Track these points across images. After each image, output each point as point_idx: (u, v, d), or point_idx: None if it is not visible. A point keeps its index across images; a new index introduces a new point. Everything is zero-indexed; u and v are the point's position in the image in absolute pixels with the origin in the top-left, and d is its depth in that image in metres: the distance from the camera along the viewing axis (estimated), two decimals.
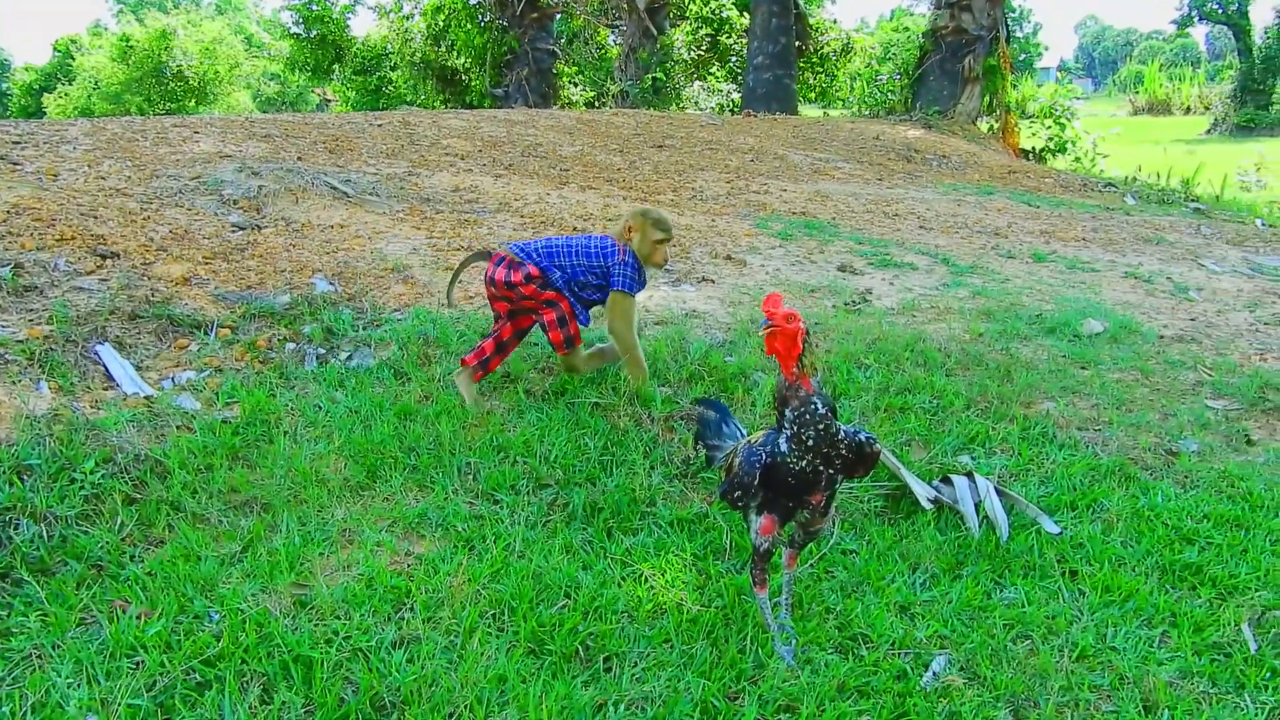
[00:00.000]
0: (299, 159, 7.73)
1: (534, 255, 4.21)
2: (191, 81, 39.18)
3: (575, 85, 22.87)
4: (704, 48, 21.25)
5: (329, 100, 38.86)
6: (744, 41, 20.68)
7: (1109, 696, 2.80)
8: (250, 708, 2.47)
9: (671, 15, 22.00)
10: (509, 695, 2.56)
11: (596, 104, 21.44)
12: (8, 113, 43.80)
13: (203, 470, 3.53)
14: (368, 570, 3.06)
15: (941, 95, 16.56)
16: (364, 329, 4.79)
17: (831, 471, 2.69)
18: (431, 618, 2.86)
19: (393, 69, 24.87)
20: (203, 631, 2.72)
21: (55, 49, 46.67)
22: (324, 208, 6.51)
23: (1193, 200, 12.26)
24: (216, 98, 40.01)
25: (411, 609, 2.90)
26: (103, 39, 44.40)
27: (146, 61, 37.92)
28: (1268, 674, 2.96)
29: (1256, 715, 2.78)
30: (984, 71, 16.22)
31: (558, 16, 22.19)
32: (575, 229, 6.77)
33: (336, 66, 26.46)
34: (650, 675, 2.69)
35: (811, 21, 20.87)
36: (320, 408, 4.08)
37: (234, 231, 5.86)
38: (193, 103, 38.92)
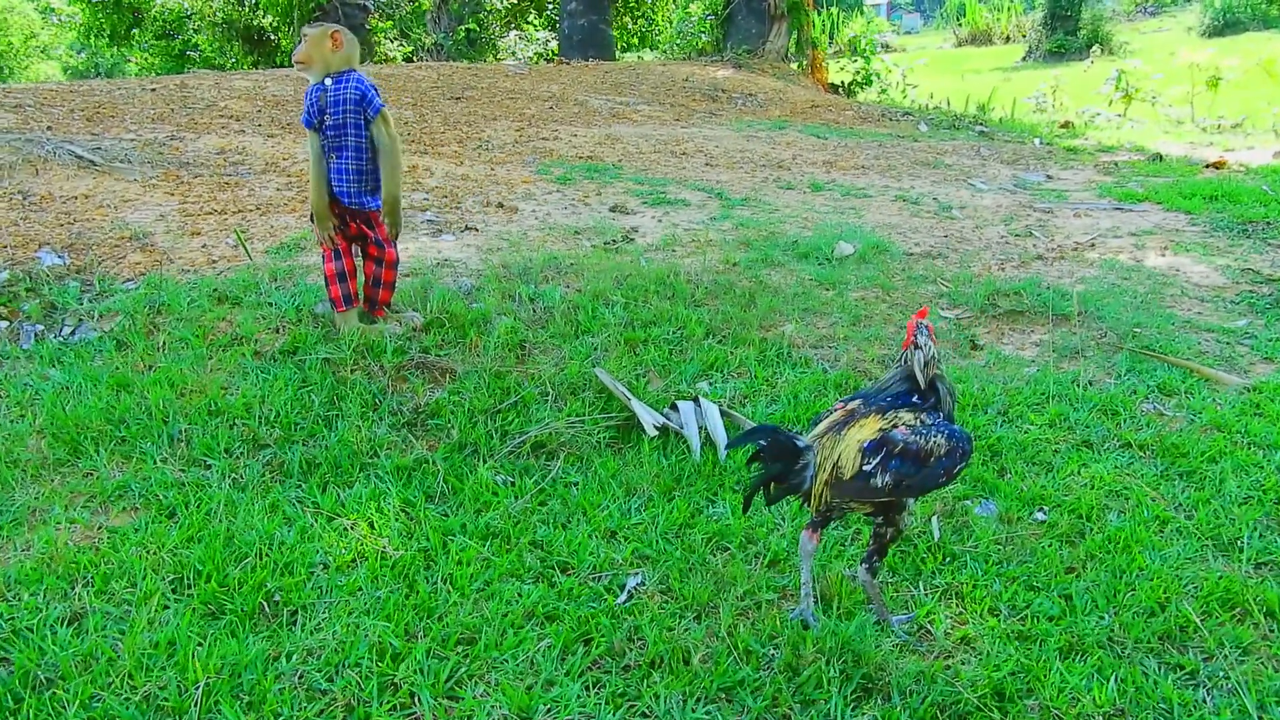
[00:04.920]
0: (49, 129, 7.27)
1: None
2: None
3: (392, 41, 22.17)
4: None
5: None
6: None
7: (789, 595, 2.94)
8: None
9: None
10: (176, 658, 2.50)
11: (415, 59, 20.85)
12: None
13: None
14: (46, 549, 2.93)
15: (750, 34, 16.74)
16: (90, 302, 4.56)
17: None
18: (104, 590, 2.77)
19: (196, 32, 23.58)
20: None
21: None
22: (67, 178, 6.14)
23: (979, 124, 12.80)
24: (13, 71, 37.18)
25: (88, 583, 2.80)
26: None
27: None
28: (945, 559, 3.16)
29: (928, 597, 2.96)
30: (788, 9, 16.47)
31: None
32: None
33: (136, 31, 24.94)
34: (330, 623, 2.68)
35: None
36: (28, 386, 3.88)
37: None
38: None
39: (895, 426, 2.52)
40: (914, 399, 2.57)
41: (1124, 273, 5.73)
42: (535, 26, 21.39)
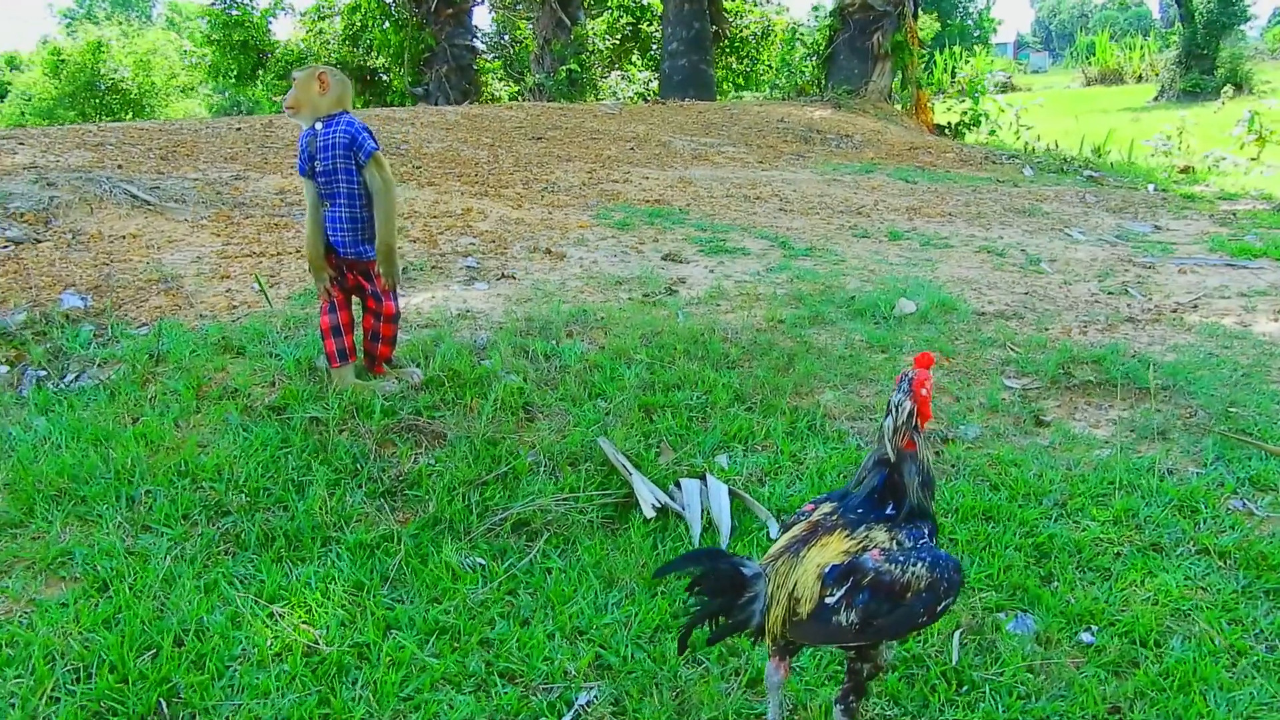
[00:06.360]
0: (119, 167, 7.35)
1: None
2: (129, 94, 38.35)
3: (500, 81, 22.45)
4: (623, 37, 20.89)
5: None
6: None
7: None
8: None
9: (587, 4, 21.63)
10: None
11: (521, 98, 21.04)
12: None
13: None
14: None
15: (853, 74, 16.27)
16: (98, 347, 4.44)
17: None
18: None
19: None
20: None
21: None
22: (120, 217, 6.14)
23: (1089, 169, 12.02)
24: (154, 109, 39.13)
25: None
26: (37, 54, 43.38)
27: (79, 75, 37.10)
28: (961, 688, 2.68)
29: None
30: (892, 48, 15.95)
31: (474, 10, 21.74)
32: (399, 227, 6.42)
33: (260, 72, 25.90)
34: None
35: (728, 5, 20.51)
36: (11, 437, 3.74)
37: (3, 247, 5.48)
38: (130, 115, 38.06)
39: (866, 549, 2.07)
40: (889, 510, 2.11)
41: (1225, 340, 5.08)
42: (638, 67, 21.34)
